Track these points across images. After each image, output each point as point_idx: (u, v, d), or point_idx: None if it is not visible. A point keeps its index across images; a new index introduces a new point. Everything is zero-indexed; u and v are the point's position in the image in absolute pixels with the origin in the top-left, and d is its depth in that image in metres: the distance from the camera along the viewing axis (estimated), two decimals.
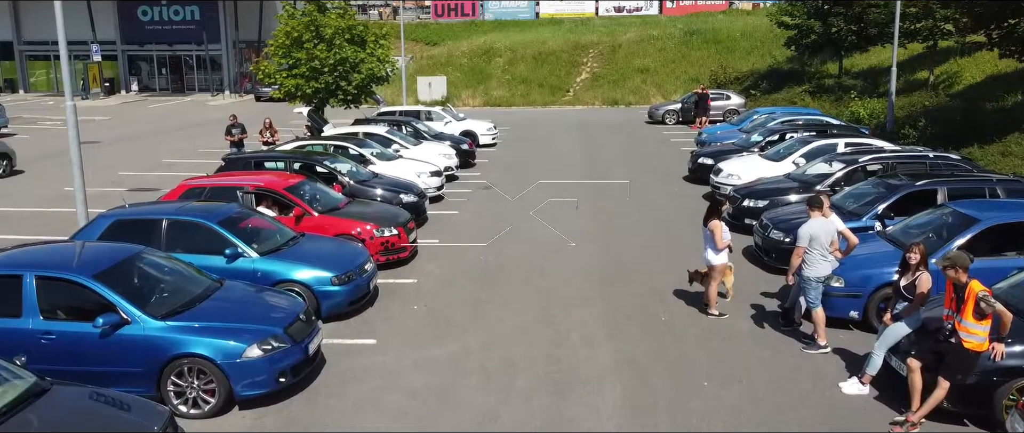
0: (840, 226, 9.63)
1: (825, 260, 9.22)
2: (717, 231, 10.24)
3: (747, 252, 13.32)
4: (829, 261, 9.25)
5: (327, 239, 11.70)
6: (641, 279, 12.19)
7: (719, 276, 10.45)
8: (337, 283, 10.22)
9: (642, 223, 15.85)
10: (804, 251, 9.19)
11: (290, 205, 12.66)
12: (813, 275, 9.22)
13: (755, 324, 10.24)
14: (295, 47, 22.85)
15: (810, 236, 9.15)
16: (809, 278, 9.24)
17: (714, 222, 10.27)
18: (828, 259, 9.24)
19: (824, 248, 9.18)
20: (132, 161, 24.65)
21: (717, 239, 10.23)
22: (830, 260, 9.27)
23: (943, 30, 26.64)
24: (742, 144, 20.58)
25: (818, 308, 9.31)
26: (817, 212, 9.33)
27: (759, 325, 10.20)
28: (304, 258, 10.51)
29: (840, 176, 14.43)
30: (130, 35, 51.59)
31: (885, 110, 25.58)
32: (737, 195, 15.05)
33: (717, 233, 10.24)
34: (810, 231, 9.16)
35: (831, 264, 9.29)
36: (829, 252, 9.25)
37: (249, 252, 10.23)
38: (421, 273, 12.61)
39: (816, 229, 9.18)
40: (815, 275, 9.21)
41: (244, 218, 11.13)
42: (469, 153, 22.97)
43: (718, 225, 10.26)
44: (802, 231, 9.23)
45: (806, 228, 9.21)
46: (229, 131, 21.18)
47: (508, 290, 11.74)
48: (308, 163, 15.59)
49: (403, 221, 13.16)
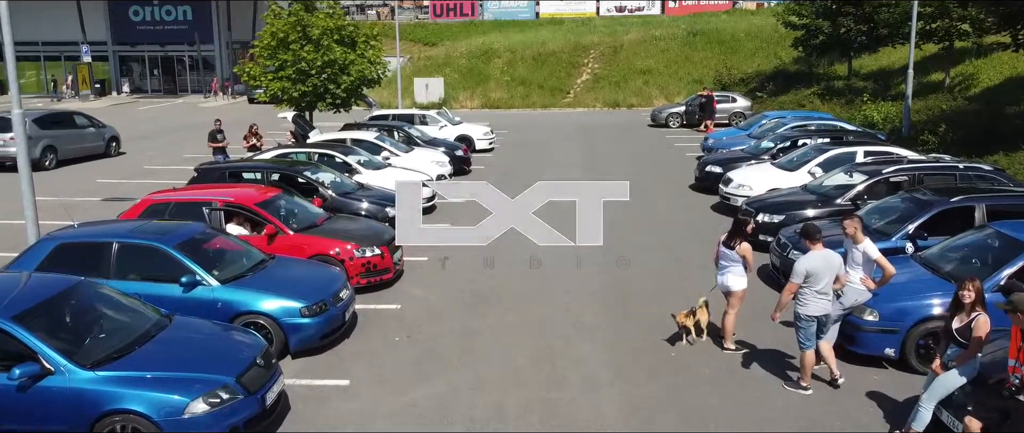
0: (874, 254, 8.50)
1: (821, 297, 8.06)
2: (749, 254, 9.17)
3: (762, 272, 12.16)
4: (825, 298, 8.10)
5: (300, 262, 10.58)
6: (647, 305, 11.06)
7: (738, 303, 9.34)
8: (307, 315, 9.10)
9: (647, 239, 14.73)
10: (797, 288, 8.07)
11: (262, 223, 11.54)
12: (805, 313, 8.10)
13: (775, 361, 9.11)
14: (281, 48, 21.74)
15: (807, 272, 7.99)
16: (800, 316, 8.13)
17: (744, 244, 9.17)
18: (825, 297, 8.10)
19: (822, 285, 8.05)
20: (112, 167, 23.56)
21: (748, 263, 9.17)
22: (827, 298, 8.13)
23: (960, 30, 25.50)
24: (752, 151, 19.45)
25: (809, 351, 8.20)
26: (816, 244, 8.18)
27: (780, 362, 9.08)
28: (271, 285, 9.40)
29: (862, 189, 13.30)
30: (121, 35, 50.58)
31: (900, 114, 24.45)
32: (750, 209, 13.92)
33: (748, 256, 9.17)
34: (807, 266, 7.99)
35: (827, 303, 8.14)
36: (830, 288, 8.13)
37: (209, 279, 9.11)
38: (406, 297, 11.48)
39: (815, 264, 8.00)
40: (806, 313, 8.09)
41: (207, 240, 10.01)
42: (464, 160, 21.86)
43: (748, 248, 9.18)
44: (799, 266, 8.05)
45: (804, 263, 8.04)
46: (213, 137, 20.07)
47: (502, 318, 10.62)
48: (287, 174, 14.45)
49: (388, 239, 12.04)
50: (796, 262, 8.11)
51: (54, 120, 23.80)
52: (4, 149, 21.31)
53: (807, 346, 8.20)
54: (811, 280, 8.00)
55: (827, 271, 8.06)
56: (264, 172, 14.40)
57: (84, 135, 24.65)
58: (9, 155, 20.21)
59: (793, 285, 8.04)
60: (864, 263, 8.66)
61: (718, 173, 18.01)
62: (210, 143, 19.97)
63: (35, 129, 21.67)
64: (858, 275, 8.69)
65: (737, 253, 9.16)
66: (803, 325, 8.15)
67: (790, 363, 8.96)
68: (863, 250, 8.60)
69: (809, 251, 8.17)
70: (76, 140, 24.15)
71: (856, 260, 8.72)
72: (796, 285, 8.03)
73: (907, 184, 13.22)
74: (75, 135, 24.25)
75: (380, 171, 17.01)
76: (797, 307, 8.12)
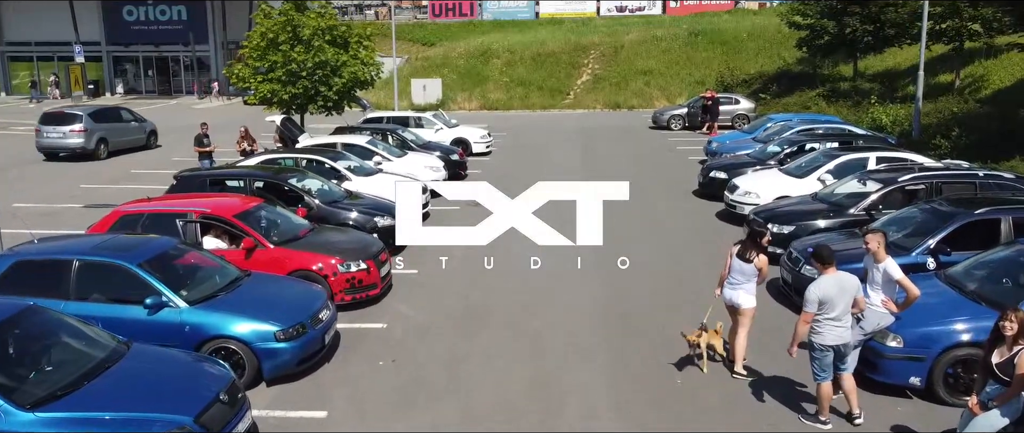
0: (897, 274, 7.79)
1: (838, 325, 7.33)
2: (766, 269, 8.53)
3: (772, 287, 11.42)
4: (842, 326, 7.38)
5: (278, 280, 9.89)
6: (649, 322, 10.37)
7: (750, 322, 8.64)
8: (283, 338, 8.40)
9: (649, 248, 14.02)
10: (812, 318, 7.36)
11: (241, 236, 10.84)
12: (820, 343, 7.37)
13: (790, 389, 8.41)
14: (271, 49, 21.03)
15: (820, 299, 7.27)
16: (815, 345, 7.41)
17: (760, 257, 8.48)
18: (842, 324, 7.36)
19: (839, 312, 7.34)
20: (98, 172, 22.89)
21: (764, 275, 8.54)
22: (844, 325, 7.41)
23: (970, 30, 24.78)
24: (758, 156, 18.73)
25: (826, 383, 7.49)
26: (828, 268, 7.45)
27: (795, 390, 8.37)
28: (245, 306, 8.70)
29: (876, 199, 12.59)
30: (115, 35, 49.84)
31: (909, 117, 23.74)
32: (758, 218, 13.22)
33: (764, 270, 8.52)
34: (821, 293, 7.26)
35: (844, 331, 7.42)
36: (849, 315, 7.42)
37: (176, 301, 8.41)
38: (393, 315, 10.78)
39: (829, 290, 7.27)
40: (821, 343, 7.36)
41: (178, 256, 9.32)
42: (459, 164, 21.16)
43: (765, 261, 8.52)
44: (810, 294, 7.30)
45: (816, 290, 7.29)
46: (199, 141, 19.38)
47: (494, 338, 9.91)
48: (271, 182, 13.74)
49: (375, 252, 11.34)
50: (808, 289, 7.38)
51: (105, 115, 25.71)
52: (63, 141, 23.75)
53: (822, 378, 7.50)
54: (826, 307, 7.30)
55: (843, 296, 7.35)
56: (247, 180, 13.68)
57: (129, 129, 26.41)
58: (66, 146, 23.49)
59: (808, 315, 7.33)
60: (885, 283, 7.95)
61: (723, 179, 17.30)
62: (196, 148, 19.28)
63: (90, 123, 24.08)
64: (879, 297, 7.98)
65: (754, 266, 8.48)
66: (818, 355, 7.45)
67: (806, 392, 8.25)
68: (885, 269, 7.91)
69: (821, 275, 7.46)
70: (123, 133, 25.89)
71: (877, 280, 8.01)
72: (811, 314, 7.32)
73: (924, 193, 12.52)
74: (122, 128, 26.02)
75: (371, 177, 16.29)
76: (811, 336, 7.41)
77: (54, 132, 23.86)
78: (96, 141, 23.86)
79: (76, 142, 23.75)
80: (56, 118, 24.06)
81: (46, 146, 24.11)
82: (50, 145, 24.00)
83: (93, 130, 24.12)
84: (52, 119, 24.06)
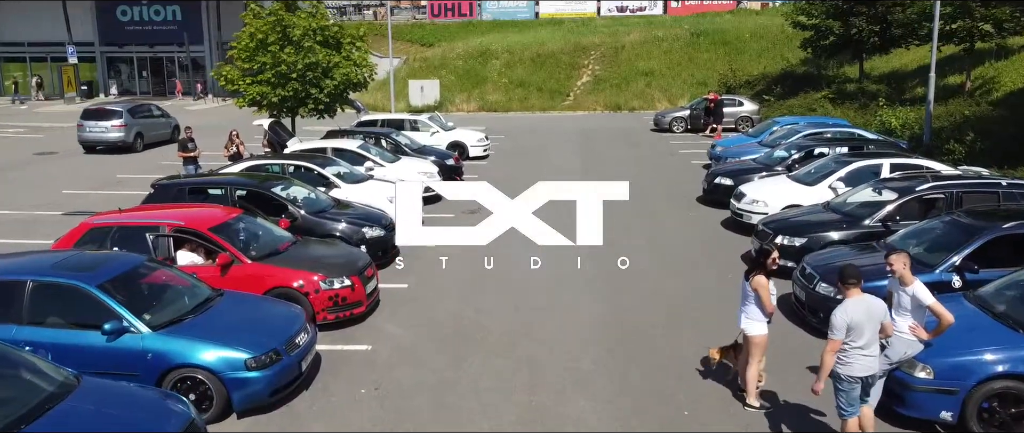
0: (928, 299, 7.10)
1: (866, 355, 6.64)
2: (763, 291, 7.70)
3: (784, 304, 10.65)
4: (871, 355, 6.68)
5: (253, 300, 9.18)
6: (653, 344, 9.67)
7: (760, 353, 7.91)
8: (254, 367, 7.69)
9: (652, 261, 13.32)
10: (840, 346, 6.65)
11: (217, 250, 10.14)
12: (847, 375, 6.66)
13: (807, 422, 7.71)
14: (260, 50, 20.32)
15: (848, 325, 6.58)
16: (841, 377, 6.70)
17: (759, 278, 7.73)
18: (870, 353, 6.67)
19: (867, 339, 6.64)
20: (83, 176, 22.20)
21: (764, 302, 7.70)
22: (872, 354, 6.71)
23: (982, 31, 24.07)
24: (765, 161, 18.01)
25: (853, 419, 6.79)
26: (853, 289, 6.75)
27: (814, 423, 7.67)
28: (214, 330, 8.00)
29: (893, 210, 11.88)
30: (109, 36, 49.17)
31: (919, 120, 23.02)
32: (767, 230, 12.51)
33: (763, 293, 7.70)
34: (848, 318, 6.55)
35: (873, 361, 6.72)
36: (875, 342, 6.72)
37: (138, 325, 7.71)
38: (379, 335, 10.07)
39: (857, 315, 6.57)
40: (849, 375, 6.65)
41: (145, 275, 8.62)
42: (455, 169, 20.45)
43: (764, 283, 7.72)
44: (837, 319, 6.58)
45: (843, 314, 6.57)
46: (183, 146, 18.65)
47: (486, 362, 9.21)
48: (255, 190, 13.02)
49: (361, 267, 10.63)
50: (834, 315, 6.66)
51: (139, 111, 27.59)
52: (105, 135, 25.57)
53: (849, 413, 6.79)
54: (853, 334, 6.60)
55: (871, 322, 6.66)
56: (228, 188, 12.95)
57: (158, 123, 28.20)
58: (108, 140, 25.36)
59: (834, 342, 6.62)
60: (914, 309, 7.27)
61: (729, 186, 16.60)
62: (180, 153, 18.56)
63: (129, 118, 26.01)
64: (907, 323, 7.30)
65: (750, 287, 7.76)
66: (844, 388, 6.75)
67: (826, 425, 7.56)
68: (914, 293, 7.21)
69: (846, 299, 6.75)
70: (154, 128, 27.58)
71: (904, 305, 7.33)
72: (838, 342, 6.61)
73: (944, 204, 11.81)
74: (153, 123, 27.76)
75: (361, 185, 15.59)
76: (838, 367, 6.70)
77: (97, 127, 25.65)
78: (134, 135, 25.45)
79: (117, 136, 25.50)
80: (98, 114, 25.97)
81: (89, 140, 25.80)
82: (93, 139, 25.72)
83: (131, 125, 25.90)
84: (94, 115, 25.92)
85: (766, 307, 7.70)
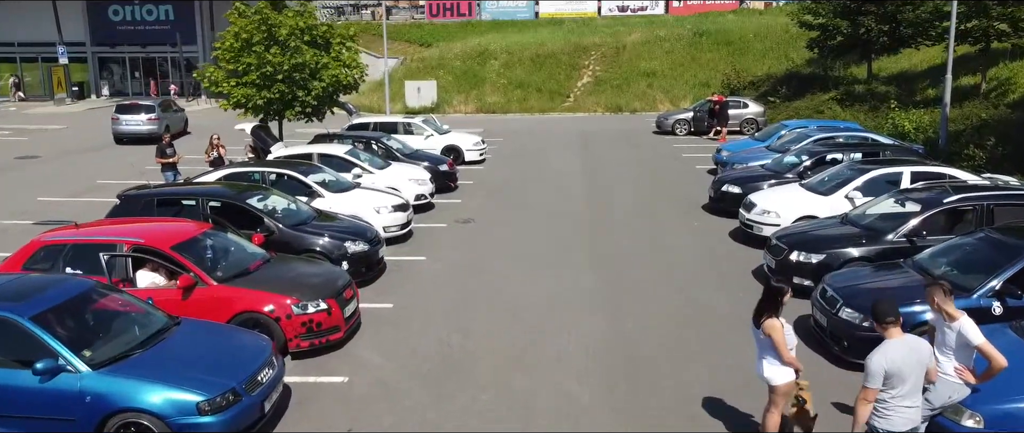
0: (977, 339, 6.18)
1: (908, 406, 5.69)
2: (776, 334, 6.71)
3: (801, 328, 9.69)
4: (912, 406, 5.73)
5: (214, 329, 8.26)
6: (659, 373, 8.76)
7: (783, 400, 6.96)
8: (208, 411, 6.78)
9: (657, 276, 12.39)
10: (876, 396, 5.72)
11: (180, 271, 9.22)
12: (886, 430, 5.72)
13: None
14: (245, 51, 19.41)
15: (886, 372, 5.62)
16: (879, 432, 5.77)
17: (769, 321, 6.71)
18: (912, 404, 5.73)
19: (909, 387, 5.70)
20: (62, 182, 21.33)
21: (777, 347, 6.72)
22: (915, 405, 5.76)
23: (997, 30, 23.13)
24: (775, 168, 17.07)
25: None
26: (892, 328, 5.79)
27: None
28: (164, 367, 7.08)
29: (918, 224, 10.94)
30: (100, 36, 48.31)
31: (933, 123, 22.09)
32: (781, 244, 11.58)
33: (776, 337, 6.70)
34: (888, 364, 5.60)
35: (915, 413, 5.76)
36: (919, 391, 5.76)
37: (76, 364, 6.80)
38: (357, 365, 9.16)
39: (897, 360, 5.61)
40: (887, 429, 5.71)
41: (90, 303, 7.71)
42: (449, 175, 19.52)
43: (777, 326, 6.70)
44: (874, 365, 5.62)
45: (880, 359, 5.62)
46: (162, 151, 17.76)
47: (474, 399, 8.27)
48: (229, 202, 12.09)
49: (339, 288, 9.72)
50: (871, 360, 5.71)
51: (164, 106, 30.94)
52: (140, 127, 28.81)
53: None
54: (893, 382, 5.66)
55: (915, 368, 5.72)
56: (200, 199, 12.03)
57: (177, 117, 31.31)
58: (142, 133, 28.42)
59: (870, 391, 5.68)
60: (960, 348, 6.37)
61: (737, 194, 15.68)
62: (158, 158, 17.65)
63: (160, 112, 29.63)
64: (952, 364, 6.41)
65: (762, 332, 6.78)
66: None
67: None
68: (960, 331, 6.31)
69: (885, 340, 5.81)
70: (176, 121, 30.42)
71: (948, 343, 6.45)
72: (874, 391, 5.67)
73: (974, 217, 10.89)
74: (174, 117, 30.75)
75: (347, 194, 14.66)
76: (874, 420, 5.76)
77: (133, 120, 29.01)
78: (164, 127, 27.25)
79: (152, 128, 28.49)
80: (133, 108, 29.51)
81: (124, 132, 28.90)
82: (129, 131, 28.82)
83: (162, 119, 29.06)
84: (129, 109, 29.48)
85: (782, 356, 6.69)
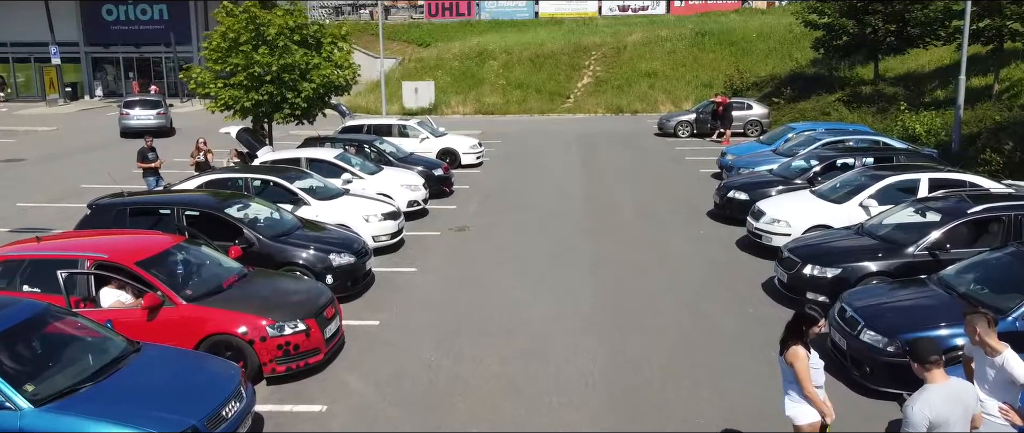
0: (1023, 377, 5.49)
1: None
2: (799, 364, 5.99)
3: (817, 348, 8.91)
4: None
5: (177, 355, 7.55)
6: (665, 402, 8.06)
7: None
8: None
9: (661, 289, 11.69)
10: None
11: (146, 289, 8.52)
12: None
13: None
14: (232, 51, 18.72)
15: (930, 422, 4.93)
16: None
17: (793, 349, 6.03)
18: None
19: None
20: (45, 186, 20.63)
21: (800, 379, 6.01)
22: None
23: (1011, 30, 22.42)
24: (783, 173, 16.35)
25: None
26: (934, 370, 5.09)
27: None
28: (117, 402, 6.38)
29: (941, 236, 10.24)
30: (94, 36, 47.52)
31: (946, 125, 21.38)
32: (793, 257, 10.87)
33: (798, 367, 5.98)
34: (931, 413, 4.92)
35: None
36: None
37: (16, 400, 6.10)
38: (337, 391, 8.45)
39: (940, 407, 4.94)
40: None
41: (41, 327, 7.01)
42: (444, 180, 18.82)
43: (801, 356, 5.99)
44: (915, 414, 4.93)
45: (922, 407, 4.94)
46: (143, 156, 17.06)
47: (462, 428, 7.58)
48: (207, 211, 11.38)
49: (320, 307, 9.03)
50: (911, 408, 4.98)
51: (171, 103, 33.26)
52: (149, 122, 29.30)
53: None
54: (937, 429, 4.96)
55: (961, 417, 5.02)
56: (176, 208, 11.32)
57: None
58: (152, 127, 27.95)
59: None
60: (1004, 385, 5.67)
61: (744, 201, 14.98)
62: (140, 163, 16.95)
63: (166, 107, 31.03)
64: (995, 403, 5.70)
65: (785, 360, 6.07)
66: None
67: None
68: (1003, 364, 5.61)
69: (926, 384, 5.09)
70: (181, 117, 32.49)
71: (989, 378, 5.76)
72: None
73: (1001, 230, 10.18)
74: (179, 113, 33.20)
75: (334, 201, 13.96)
76: None
77: (142, 115, 29.95)
78: (170, 121, 29.25)
79: (160, 122, 29.76)
80: (142, 104, 30.71)
81: (133, 127, 29.03)
82: (138, 126, 28.83)
83: (169, 114, 31.11)
84: (137, 104, 30.61)
85: (804, 388, 5.98)
